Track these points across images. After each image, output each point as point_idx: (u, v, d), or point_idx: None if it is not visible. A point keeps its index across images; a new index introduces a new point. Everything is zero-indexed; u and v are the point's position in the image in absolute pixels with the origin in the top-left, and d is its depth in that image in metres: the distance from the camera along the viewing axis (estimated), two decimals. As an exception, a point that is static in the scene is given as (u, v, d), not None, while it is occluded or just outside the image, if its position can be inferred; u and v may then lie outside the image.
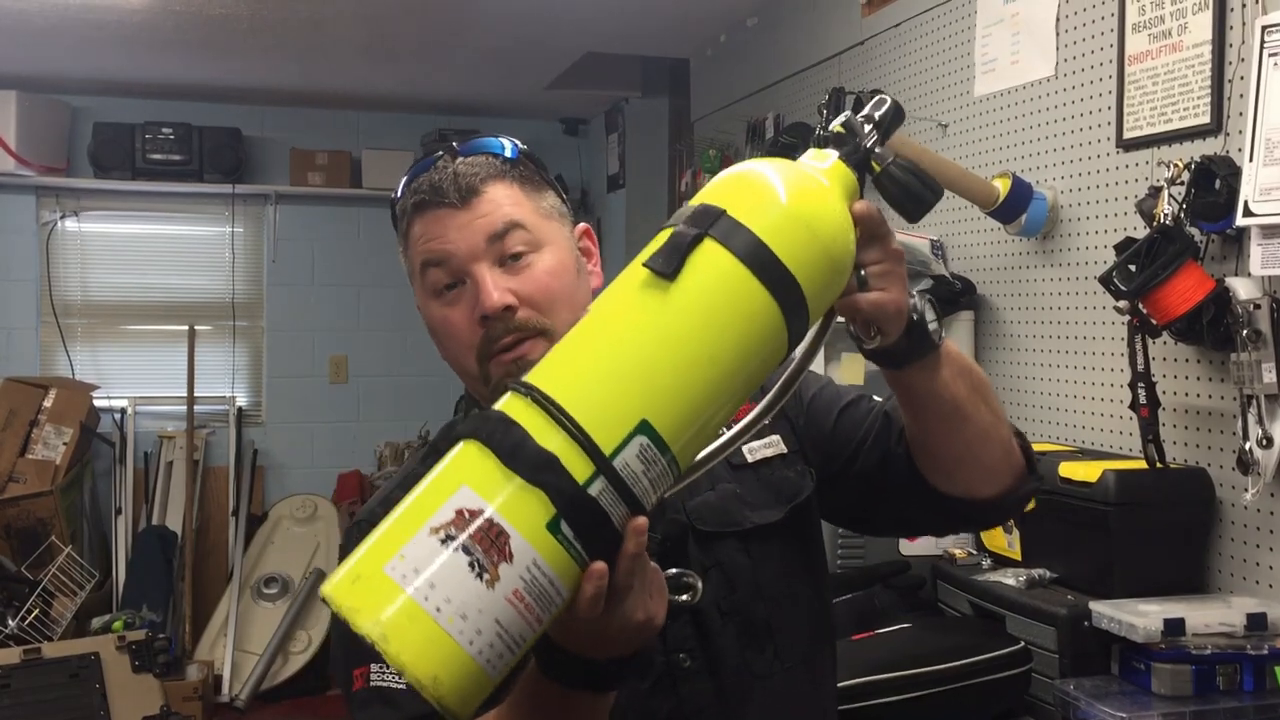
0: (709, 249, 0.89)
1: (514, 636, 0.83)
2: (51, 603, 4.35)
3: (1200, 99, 1.97)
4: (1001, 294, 2.57)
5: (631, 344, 0.89)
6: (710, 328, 0.89)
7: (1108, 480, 1.87)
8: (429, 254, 1.17)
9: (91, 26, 4.14)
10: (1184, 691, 1.69)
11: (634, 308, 0.90)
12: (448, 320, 1.18)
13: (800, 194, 0.94)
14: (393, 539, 0.83)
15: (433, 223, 1.17)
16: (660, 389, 0.87)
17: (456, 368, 1.21)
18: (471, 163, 1.19)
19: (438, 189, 1.17)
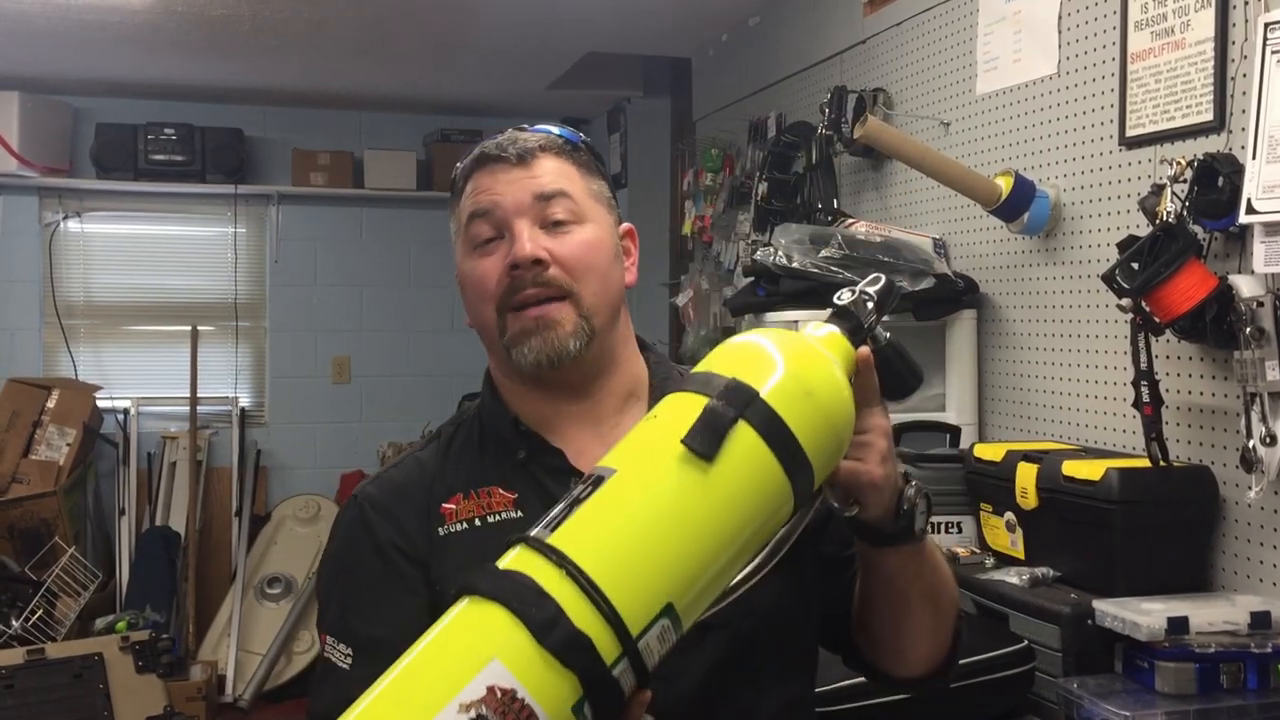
0: (742, 432, 0.92)
1: None
2: (55, 603, 4.35)
3: (1203, 96, 1.97)
4: (1004, 292, 2.57)
5: (668, 527, 0.90)
6: (738, 511, 0.93)
7: (1111, 479, 1.87)
8: (477, 204, 1.20)
9: (94, 27, 4.14)
10: (1188, 690, 1.69)
11: (672, 488, 0.91)
12: (478, 270, 1.20)
13: (819, 377, 0.99)
14: (420, 708, 0.81)
15: (486, 176, 1.21)
16: (688, 574, 0.90)
17: (477, 323, 1.23)
18: (534, 134, 1.24)
19: (499, 147, 1.21)
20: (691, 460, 0.91)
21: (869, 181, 3.16)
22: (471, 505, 1.19)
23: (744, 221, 3.72)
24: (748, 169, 3.78)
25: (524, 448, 1.22)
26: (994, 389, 2.60)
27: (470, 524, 1.18)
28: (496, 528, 1.16)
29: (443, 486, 1.21)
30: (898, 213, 2.99)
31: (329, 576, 1.24)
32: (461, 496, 1.20)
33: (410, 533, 1.18)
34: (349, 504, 1.24)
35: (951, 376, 2.63)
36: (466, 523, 1.18)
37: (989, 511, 2.18)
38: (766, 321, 2.67)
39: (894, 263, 2.55)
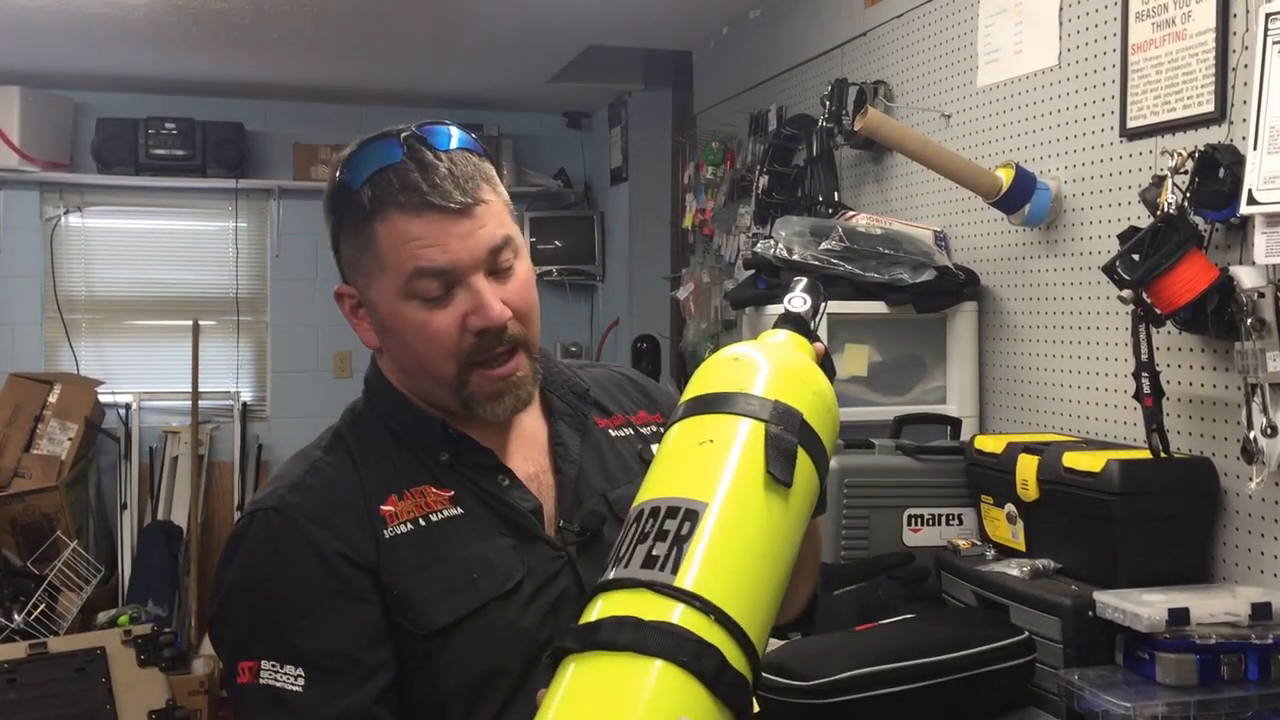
0: (801, 454, 0.99)
1: None
2: (57, 597, 4.36)
3: (1204, 87, 1.97)
4: (1005, 285, 2.56)
5: (773, 558, 0.95)
6: (802, 527, 1.00)
7: (1112, 470, 1.86)
8: (429, 263, 1.12)
9: (94, 22, 4.14)
10: (1189, 681, 1.69)
11: (770, 519, 0.95)
12: (430, 325, 1.14)
13: (829, 390, 1.09)
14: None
15: (435, 228, 1.11)
16: (780, 596, 0.96)
17: (421, 369, 1.18)
18: (462, 162, 1.14)
19: (441, 190, 1.11)
20: (775, 488, 0.96)
21: (870, 174, 3.16)
22: (410, 505, 1.17)
23: (745, 215, 3.72)
24: (748, 162, 3.78)
25: (449, 450, 1.20)
26: (995, 381, 2.60)
27: (415, 524, 1.16)
28: (442, 525, 1.16)
29: (374, 488, 1.17)
30: (898, 205, 2.99)
31: (254, 599, 1.13)
32: (396, 498, 1.17)
33: (355, 539, 1.14)
34: (262, 517, 1.15)
35: (952, 368, 2.63)
36: (410, 523, 1.16)
37: (990, 503, 2.18)
38: (768, 315, 2.66)
39: (895, 255, 2.55)
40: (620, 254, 5.54)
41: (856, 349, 2.58)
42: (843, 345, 2.57)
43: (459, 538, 1.16)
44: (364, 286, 1.18)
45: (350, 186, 1.14)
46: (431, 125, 1.17)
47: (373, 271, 1.16)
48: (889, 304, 2.54)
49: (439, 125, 1.17)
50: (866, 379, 2.60)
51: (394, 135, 1.15)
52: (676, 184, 4.83)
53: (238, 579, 1.15)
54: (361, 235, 1.15)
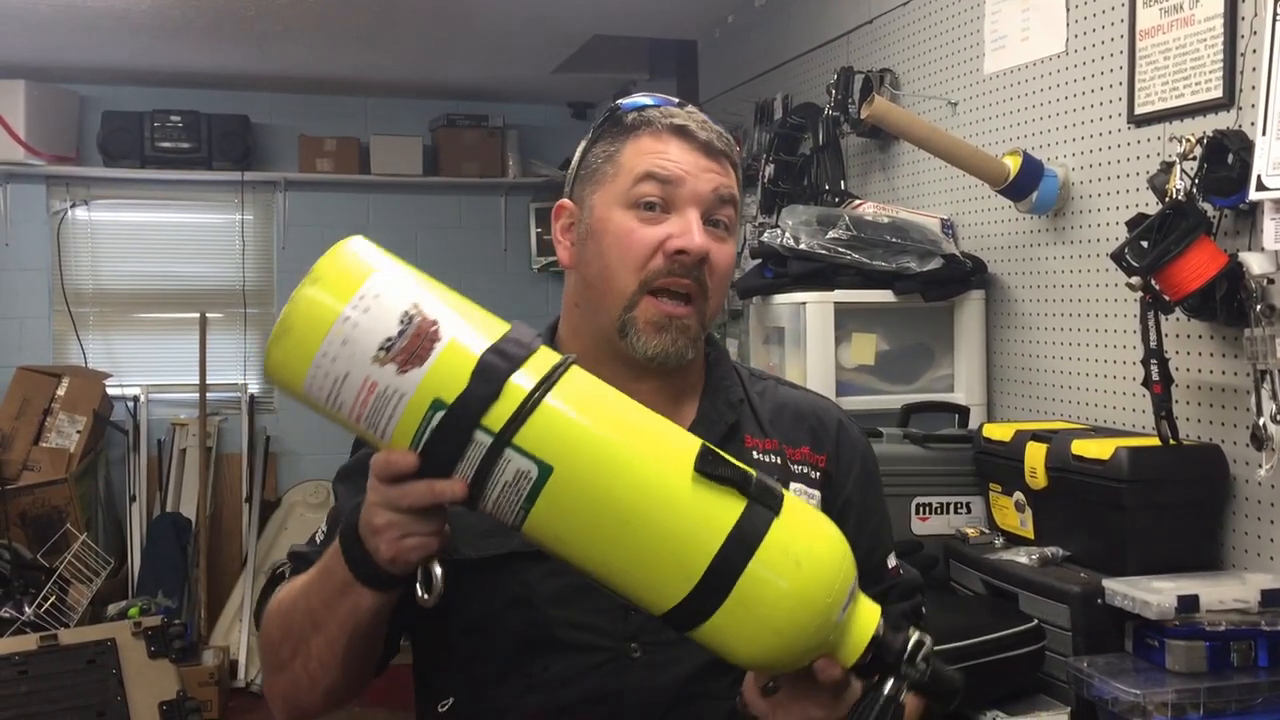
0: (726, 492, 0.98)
1: (337, 397, 0.94)
2: (67, 590, 4.38)
3: (1212, 73, 1.96)
4: (1012, 272, 2.56)
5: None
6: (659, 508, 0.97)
7: (1121, 457, 1.86)
8: (662, 169, 1.18)
9: (99, 15, 4.14)
10: (1198, 668, 1.69)
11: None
12: (634, 234, 1.18)
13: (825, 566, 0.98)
14: (404, 275, 0.96)
15: (678, 148, 1.19)
16: (579, 474, 0.93)
17: (604, 275, 1.19)
18: (719, 129, 1.24)
19: (699, 125, 1.21)
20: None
21: (876, 162, 3.15)
22: None
23: (751, 204, 3.71)
24: (754, 151, 3.77)
25: None
26: (1002, 369, 2.60)
27: None
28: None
29: None
30: (905, 193, 2.98)
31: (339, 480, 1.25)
32: None
33: None
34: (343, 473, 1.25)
35: (960, 357, 2.63)
36: None
37: (998, 491, 2.18)
38: (774, 304, 2.66)
39: (902, 243, 2.54)
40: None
41: (864, 338, 2.58)
42: (850, 334, 2.57)
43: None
44: (588, 195, 1.22)
45: (621, 109, 1.23)
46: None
47: (604, 177, 1.21)
48: (896, 292, 2.54)
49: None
50: (874, 367, 2.60)
51: (671, 99, 1.25)
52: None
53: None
54: (612, 146, 1.22)
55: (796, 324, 2.56)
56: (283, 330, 0.94)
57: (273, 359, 0.95)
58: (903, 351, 2.64)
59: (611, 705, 1.15)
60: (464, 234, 5.84)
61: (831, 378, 2.52)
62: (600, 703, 1.15)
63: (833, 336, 2.53)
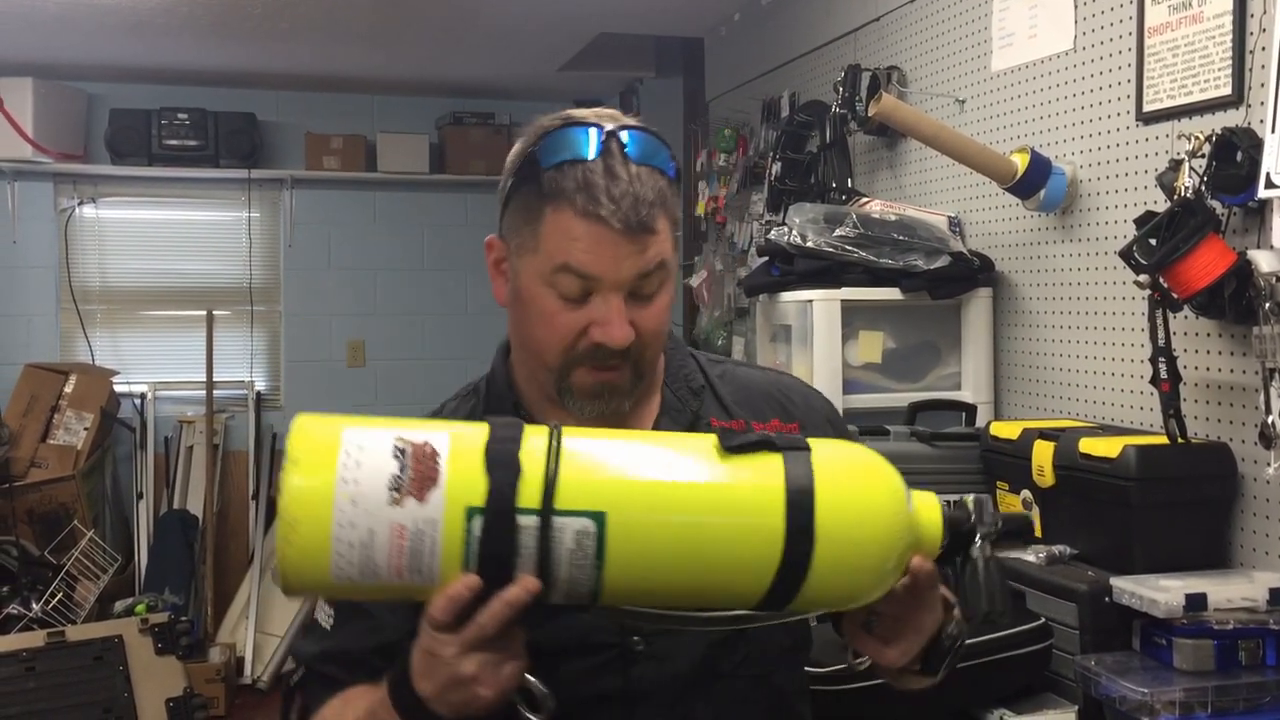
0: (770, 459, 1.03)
1: (371, 562, 0.89)
2: (74, 587, 4.39)
3: (1221, 70, 1.95)
4: (1020, 270, 2.55)
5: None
6: (716, 517, 0.99)
7: (1129, 456, 1.86)
8: (580, 266, 1.12)
9: (106, 13, 4.15)
10: (1206, 667, 1.68)
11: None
12: (557, 319, 1.15)
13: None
14: (370, 421, 0.93)
15: (597, 238, 1.12)
16: (633, 506, 0.93)
17: (533, 345, 1.18)
18: (647, 183, 1.14)
19: (619, 210, 1.11)
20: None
21: (883, 160, 3.15)
22: None
23: (758, 202, 3.71)
24: (761, 149, 3.77)
25: None
26: (1010, 367, 2.60)
27: None
28: None
29: None
30: (912, 191, 2.98)
31: None
32: None
33: None
34: None
35: (967, 355, 2.62)
36: None
37: (1005, 489, 2.17)
38: (781, 302, 2.66)
39: (909, 241, 2.54)
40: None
41: (871, 335, 2.57)
42: (857, 332, 2.57)
43: None
44: (514, 251, 1.19)
45: (538, 162, 1.15)
46: (634, 129, 1.16)
47: (526, 244, 1.16)
48: (903, 290, 2.54)
49: (641, 131, 1.16)
50: (881, 365, 2.59)
51: (597, 127, 1.14)
52: (688, 171, 4.82)
53: None
54: (530, 209, 1.15)
55: (803, 322, 2.55)
56: (289, 526, 0.89)
57: (290, 559, 0.89)
58: (910, 349, 2.64)
59: (624, 702, 1.15)
60: (470, 232, 5.83)
61: (838, 376, 2.51)
62: (613, 701, 1.15)
63: (839, 334, 2.53)
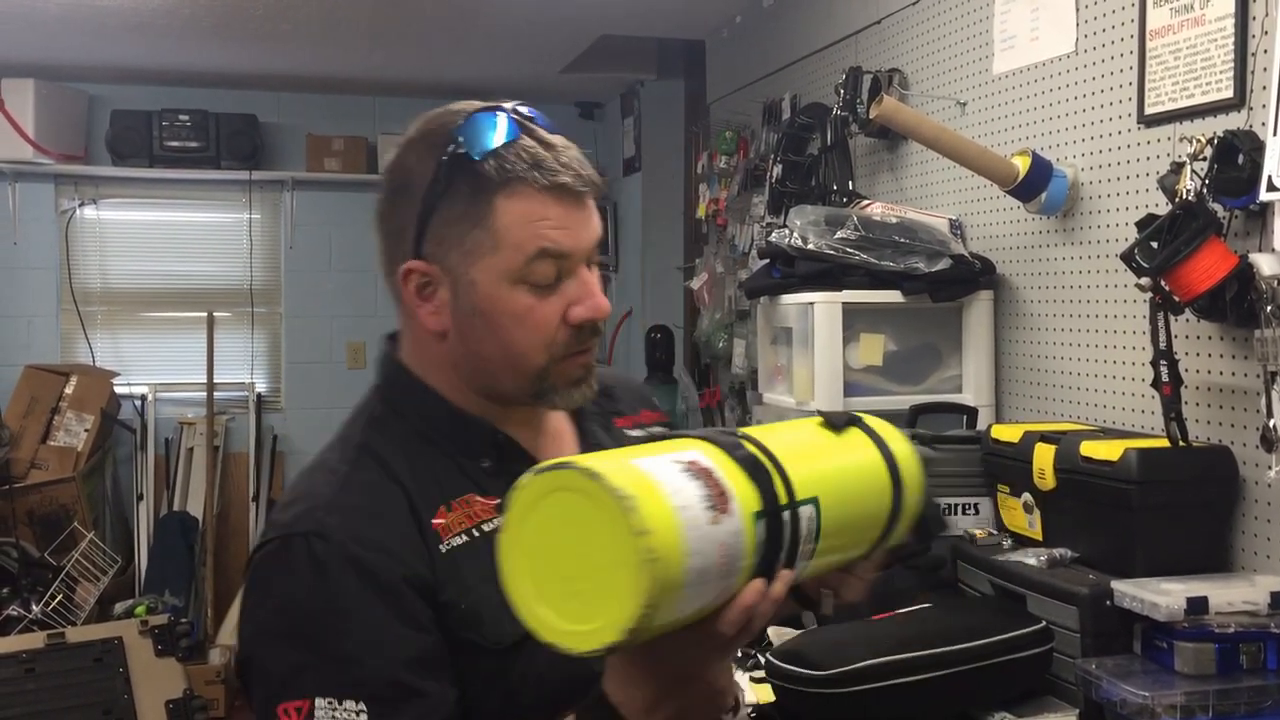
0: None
1: (704, 584, 0.86)
2: (75, 588, 4.39)
3: (1223, 73, 1.95)
4: (1021, 273, 2.55)
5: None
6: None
7: (1130, 459, 1.85)
8: (556, 246, 1.07)
9: (108, 14, 4.15)
10: (1207, 670, 1.68)
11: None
12: (534, 312, 1.09)
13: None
14: (624, 455, 0.89)
15: (564, 210, 1.07)
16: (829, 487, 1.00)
17: (507, 355, 1.12)
18: (571, 145, 1.11)
19: (573, 173, 1.08)
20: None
21: (884, 163, 3.15)
22: (459, 516, 1.11)
23: (759, 204, 3.71)
24: (762, 151, 3.77)
25: (492, 456, 1.15)
26: (1011, 370, 2.59)
27: (469, 535, 1.11)
28: (494, 536, 1.08)
29: (421, 501, 1.10)
30: (913, 194, 2.98)
31: (302, 631, 1.04)
32: (445, 509, 1.11)
33: (410, 560, 1.07)
34: (302, 542, 1.06)
35: (968, 358, 2.62)
36: (464, 534, 1.11)
37: (1006, 493, 2.17)
38: (782, 304, 2.66)
39: (910, 244, 2.54)
40: (633, 244, 5.53)
41: (871, 338, 2.57)
42: (858, 335, 2.56)
43: None
44: (458, 264, 1.09)
45: (469, 157, 1.07)
46: (521, 105, 1.13)
47: (480, 249, 1.08)
48: (904, 293, 2.54)
49: (527, 106, 1.13)
50: (882, 368, 2.59)
51: (498, 110, 1.10)
52: (689, 174, 4.82)
53: (276, 610, 1.06)
54: (475, 208, 1.07)
55: (804, 324, 2.55)
56: (653, 566, 0.81)
57: (652, 602, 0.81)
58: (911, 352, 2.64)
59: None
60: (471, 234, 5.83)
61: (839, 378, 2.51)
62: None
63: (840, 337, 2.52)
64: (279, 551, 1.07)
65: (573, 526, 0.85)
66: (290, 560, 1.06)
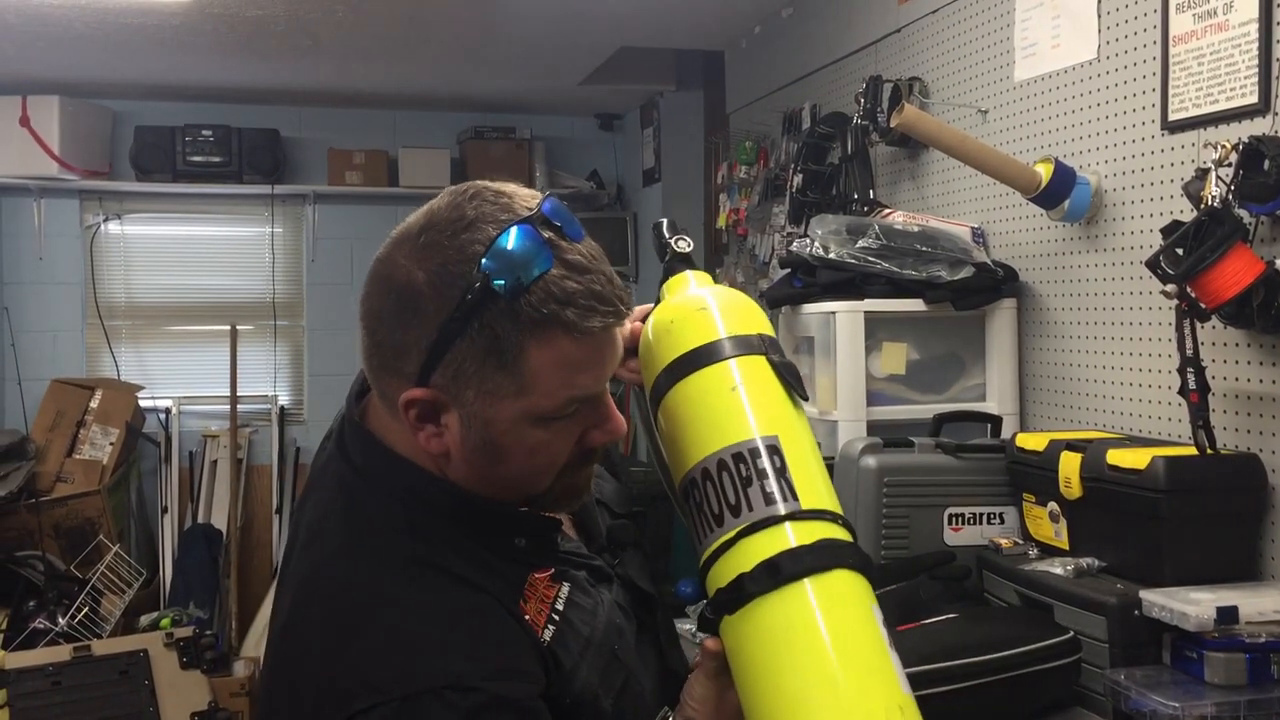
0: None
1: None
2: (100, 601, 4.42)
3: (1247, 79, 1.94)
4: (1045, 281, 2.54)
5: (818, 454, 1.09)
6: None
7: (1157, 467, 1.84)
8: (584, 390, 1.00)
9: (132, 31, 4.19)
10: (1238, 681, 1.66)
11: (806, 425, 1.10)
12: (550, 446, 1.02)
13: (750, 300, 1.21)
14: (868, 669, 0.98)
15: (596, 351, 0.99)
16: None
17: (518, 480, 1.04)
18: (598, 253, 1.01)
19: (607, 305, 0.98)
20: (799, 402, 1.10)
21: (905, 171, 3.14)
22: (536, 603, 1.04)
23: (779, 214, 3.70)
24: (782, 161, 3.77)
25: (525, 534, 1.07)
26: (1035, 378, 2.58)
27: (553, 621, 1.04)
28: (569, 609, 1.06)
29: (508, 600, 1.02)
30: (935, 202, 2.97)
31: None
32: (522, 600, 1.03)
33: (539, 671, 1.00)
34: (441, 699, 0.92)
35: (991, 366, 2.61)
36: (550, 623, 1.04)
37: (1032, 502, 2.16)
38: (804, 313, 2.65)
39: (932, 252, 2.53)
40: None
41: (894, 347, 2.56)
42: (880, 343, 2.55)
43: (585, 615, 1.07)
44: (474, 401, 0.99)
45: (495, 294, 0.95)
46: (544, 202, 1.01)
47: (502, 390, 0.98)
48: (927, 301, 2.53)
49: (550, 200, 1.02)
50: (905, 377, 2.58)
51: (527, 223, 0.98)
52: (709, 184, 4.82)
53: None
54: (501, 351, 0.96)
55: (826, 334, 2.55)
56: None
57: None
58: (934, 361, 2.63)
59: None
60: (492, 246, 5.84)
61: (862, 387, 2.50)
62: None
63: (863, 346, 2.52)
64: (398, 718, 0.91)
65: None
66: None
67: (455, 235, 0.97)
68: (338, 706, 0.92)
